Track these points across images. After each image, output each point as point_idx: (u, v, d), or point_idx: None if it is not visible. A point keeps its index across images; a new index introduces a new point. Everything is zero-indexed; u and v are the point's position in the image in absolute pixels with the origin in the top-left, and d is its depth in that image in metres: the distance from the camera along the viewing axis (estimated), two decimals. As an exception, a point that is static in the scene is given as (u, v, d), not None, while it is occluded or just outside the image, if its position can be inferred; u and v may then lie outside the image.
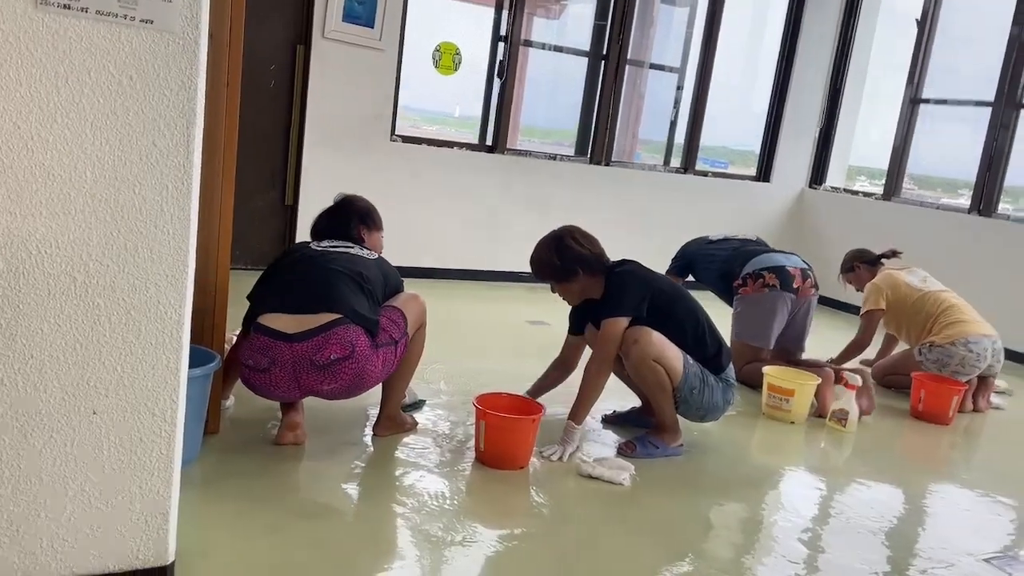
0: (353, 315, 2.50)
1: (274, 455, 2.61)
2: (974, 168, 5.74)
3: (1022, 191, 6.05)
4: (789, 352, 3.93)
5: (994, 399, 4.15)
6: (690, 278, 4.28)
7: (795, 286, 3.79)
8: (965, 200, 5.96)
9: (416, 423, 2.93)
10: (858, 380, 3.44)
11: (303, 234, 5.24)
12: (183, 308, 1.63)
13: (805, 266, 3.91)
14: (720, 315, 3.47)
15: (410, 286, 2.95)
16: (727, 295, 4.15)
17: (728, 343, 3.83)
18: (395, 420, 2.85)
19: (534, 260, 2.96)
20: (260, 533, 2.13)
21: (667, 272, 4.15)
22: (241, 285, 2.79)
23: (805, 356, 4.01)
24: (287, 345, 2.45)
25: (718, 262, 4.10)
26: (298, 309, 2.50)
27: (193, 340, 1.93)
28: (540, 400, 2.95)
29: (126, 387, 1.61)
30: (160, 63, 1.51)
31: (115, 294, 1.56)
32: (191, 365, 1.78)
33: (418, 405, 3.11)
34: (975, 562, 2.43)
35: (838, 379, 3.57)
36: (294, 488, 2.43)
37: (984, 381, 4.02)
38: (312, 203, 5.15)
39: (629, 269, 2.93)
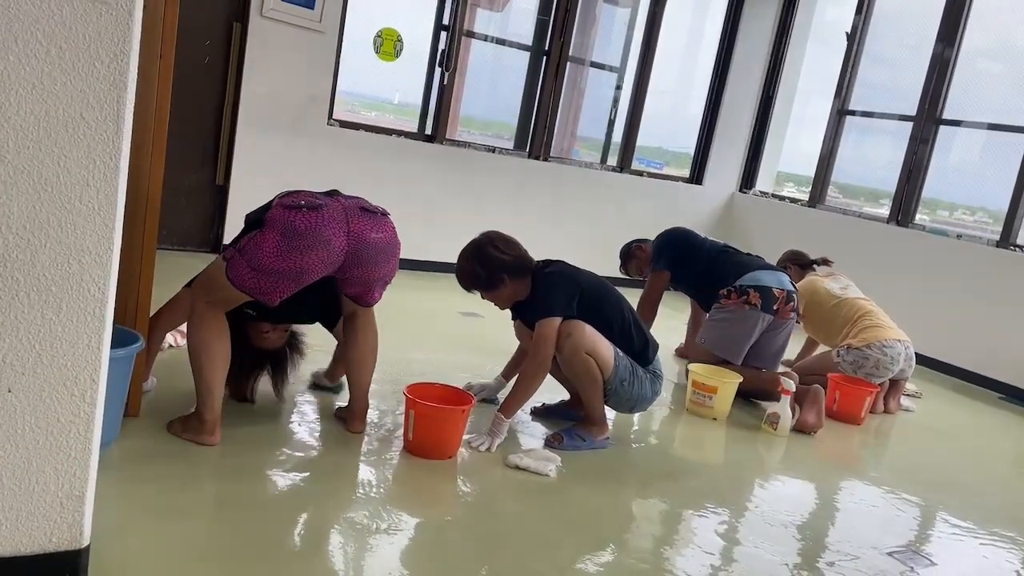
0: None
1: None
2: (895, 179, 5.98)
3: (938, 203, 6.34)
4: (758, 369, 3.92)
5: (904, 401, 4.35)
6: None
7: (775, 308, 3.81)
8: (886, 210, 6.22)
9: None
10: (793, 386, 3.53)
11: (234, 214, 5.14)
12: (107, 285, 1.59)
13: (791, 288, 3.92)
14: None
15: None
16: (699, 293, 4.21)
17: (693, 348, 3.94)
18: (365, 413, 2.82)
19: (459, 273, 2.97)
20: (178, 518, 2.09)
21: (658, 266, 4.18)
22: (168, 266, 2.73)
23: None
24: (335, 199, 2.51)
25: (704, 260, 4.10)
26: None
27: (116, 320, 1.88)
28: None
29: (44, 366, 1.56)
30: (92, 33, 1.46)
31: (35, 268, 1.51)
32: (113, 346, 1.73)
33: (335, 389, 3.11)
34: (879, 555, 2.56)
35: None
36: (214, 474, 2.39)
37: (895, 384, 4.21)
38: (245, 184, 5.10)
39: (556, 270, 2.97)
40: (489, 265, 2.90)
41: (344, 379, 3.11)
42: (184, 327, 3.15)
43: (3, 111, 1.43)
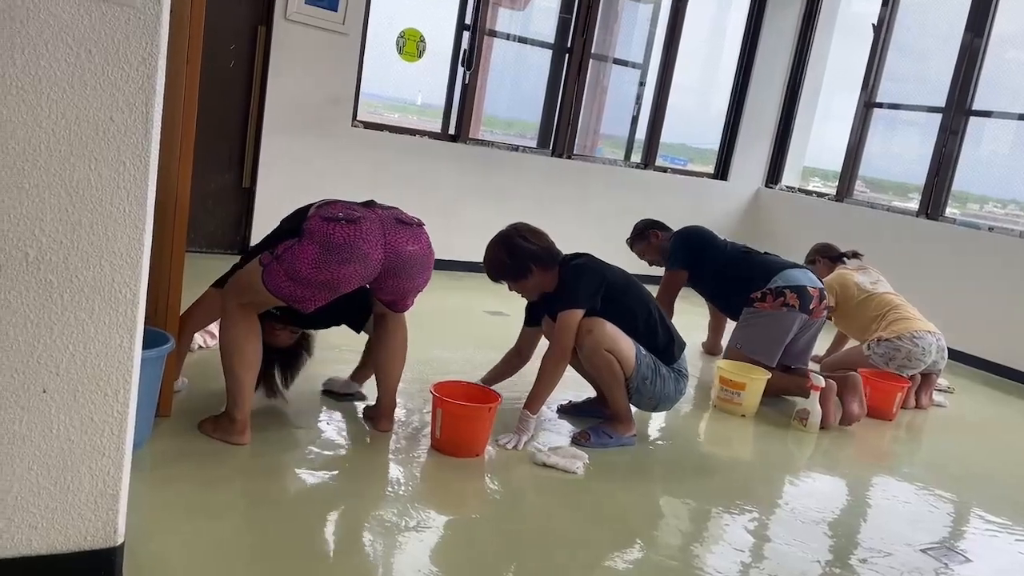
0: None
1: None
2: (923, 172, 5.89)
3: (968, 196, 6.23)
4: (787, 367, 3.87)
5: (936, 397, 4.28)
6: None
7: (811, 307, 3.75)
8: (914, 204, 6.13)
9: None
10: (822, 382, 3.49)
11: (260, 217, 5.19)
12: (138, 287, 1.61)
13: (820, 285, 3.87)
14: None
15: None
16: (718, 294, 4.13)
17: (726, 350, 3.88)
18: (393, 412, 2.83)
19: (487, 262, 2.97)
20: (210, 516, 2.11)
21: (675, 265, 4.09)
22: (196, 268, 2.76)
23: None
24: (371, 210, 2.53)
25: (723, 262, 4.00)
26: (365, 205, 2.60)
27: (147, 321, 1.91)
28: (496, 388, 2.97)
29: (78, 366, 1.58)
30: (120, 37, 1.48)
31: (68, 271, 1.54)
32: (144, 346, 1.76)
33: (357, 396, 3.10)
34: (913, 552, 2.52)
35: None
36: (245, 472, 2.41)
37: (927, 378, 4.15)
38: (271, 186, 5.15)
39: (582, 262, 2.96)
40: (517, 254, 2.90)
41: (360, 386, 3.12)
42: (213, 328, 3.22)
43: (35, 115, 1.45)
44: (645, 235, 4.32)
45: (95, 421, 1.62)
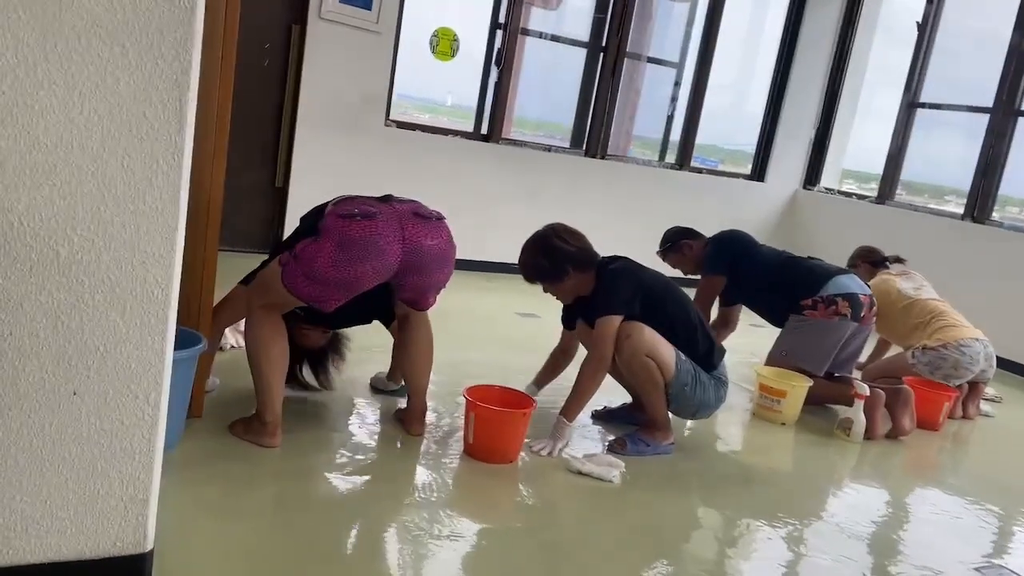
0: None
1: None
2: (962, 175, 5.73)
3: (1009, 199, 6.02)
4: (831, 375, 3.76)
5: (983, 406, 4.14)
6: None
7: (862, 315, 3.65)
8: (952, 206, 5.96)
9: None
10: (866, 390, 3.38)
11: (293, 215, 5.14)
12: (170, 287, 1.57)
13: (870, 292, 3.76)
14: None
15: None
16: (766, 304, 3.95)
17: (769, 356, 3.76)
18: (424, 415, 2.79)
19: (522, 263, 2.90)
20: (240, 520, 2.08)
21: (713, 270, 3.92)
22: (228, 268, 2.74)
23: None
24: (389, 205, 2.47)
25: (763, 267, 3.85)
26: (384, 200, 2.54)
27: (179, 321, 1.87)
28: (529, 393, 2.92)
29: (109, 368, 1.55)
30: (154, 32, 1.44)
31: (100, 270, 1.50)
32: (176, 347, 1.72)
33: (400, 391, 3.06)
34: (965, 570, 2.42)
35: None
36: (276, 476, 2.38)
37: (975, 388, 4.01)
38: (304, 185, 5.13)
39: (620, 266, 2.88)
40: (553, 255, 2.83)
41: (398, 384, 3.10)
42: (243, 325, 3.20)
43: (67, 111, 1.42)
44: (678, 246, 4.05)
45: (125, 424, 1.59)
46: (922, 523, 2.78)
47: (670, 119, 6.66)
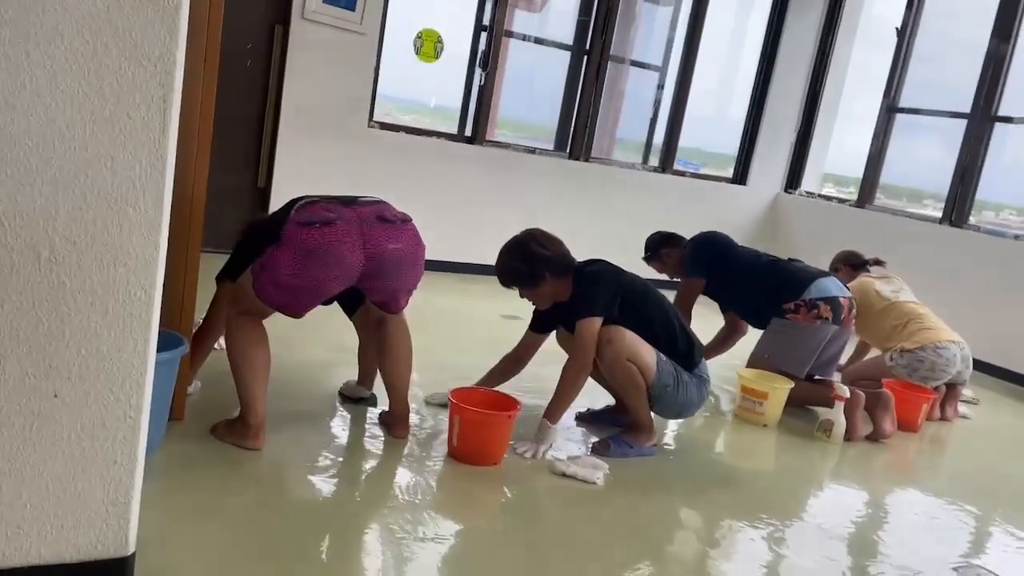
0: None
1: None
2: (940, 179, 5.80)
3: (984, 204, 6.07)
4: (811, 377, 3.79)
5: (961, 408, 4.19)
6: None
7: (842, 317, 3.68)
8: (929, 210, 6.03)
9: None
10: (846, 392, 3.41)
11: (275, 218, 5.15)
12: (153, 289, 1.56)
13: (850, 295, 3.79)
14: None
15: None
16: (747, 306, 3.97)
17: (751, 359, 3.78)
18: (407, 418, 2.78)
19: (499, 268, 2.90)
20: (222, 523, 2.06)
21: (693, 273, 3.93)
22: (211, 269, 2.72)
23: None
24: (351, 208, 2.45)
25: (744, 270, 3.87)
26: (348, 201, 2.53)
27: (161, 323, 1.86)
28: (516, 395, 2.91)
29: (90, 370, 1.53)
30: (138, 31, 1.43)
31: (82, 272, 1.49)
32: (158, 349, 1.71)
33: (370, 400, 3.04)
34: (943, 570, 2.44)
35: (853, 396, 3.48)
36: (258, 479, 2.36)
37: (952, 390, 4.06)
38: (286, 186, 5.10)
39: (598, 268, 2.89)
40: (531, 260, 2.83)
41: (368, 390, 3.06)
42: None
43: (49, 110, 1.41)
44: (658, 255, 4.09)
45: (107, 426, 1.57)
46: (901, 523, 2.81)
47: (653, 122, 6.69)
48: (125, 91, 1.45)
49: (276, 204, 5.08)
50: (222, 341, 3.22)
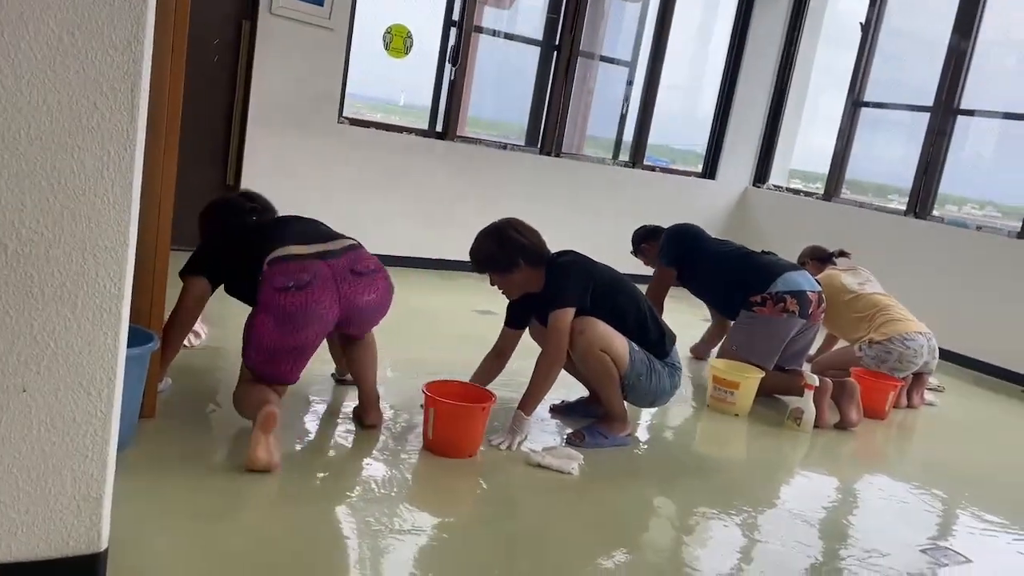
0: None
1: (210, 441, 2.54)
2: (904, 173, 5.91)
3: (948, 197, 6.18)
4: (782, 368, 3.83)
5: (927, 396, 4.27)
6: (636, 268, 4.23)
7: (810, 311, 3.72)
8: (895, 204, 6.13)
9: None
10: (816, 381, 3.47)
11: (245, 216, 5.10)
12: (123, 281, 1.54)
13: (819, 288, 3.83)
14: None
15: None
16: (713, 294, 4.06)
17: (721, 350, 3.83)
18: (378, 403, 2.81)
19: (474, 251, 2.90)
20: (196, 519, 2.05)
21: (663, 263, 4.03)
22: (179, 266, 2.69)
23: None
24: (325, 263, 2.51)
25: (715, 261, 3.94)
26: (317, 240, 2.60)
27: (130, 319, 1.84)
28: (490, 388, 2.92)
29: (60, 364, 1.51)
30: (104, 19, 1.41)
31: (50, 264, 1.47)
32: (128, 345, 1.69)
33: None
34: (911, 552, 2.49)
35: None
36: (231, 475, 2.33)
37: (919, 378, 4.14)
38: (255, 183, 5.02)
39: (570, 260, 2.91)
40: (506, 246, 2.84)
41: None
42: (198, 327, 3.18)
43: (15, 100, 1.39)
44: (640, 249, 4.28)
45: (77, 421, 1.55)
46: (870, 508, 2.86)
47: (623, 118, 6.72)
48: (92, 80, 1.43)
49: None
50: (191, 338, 3.21)
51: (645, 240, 4.26)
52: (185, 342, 3.21)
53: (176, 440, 2.45)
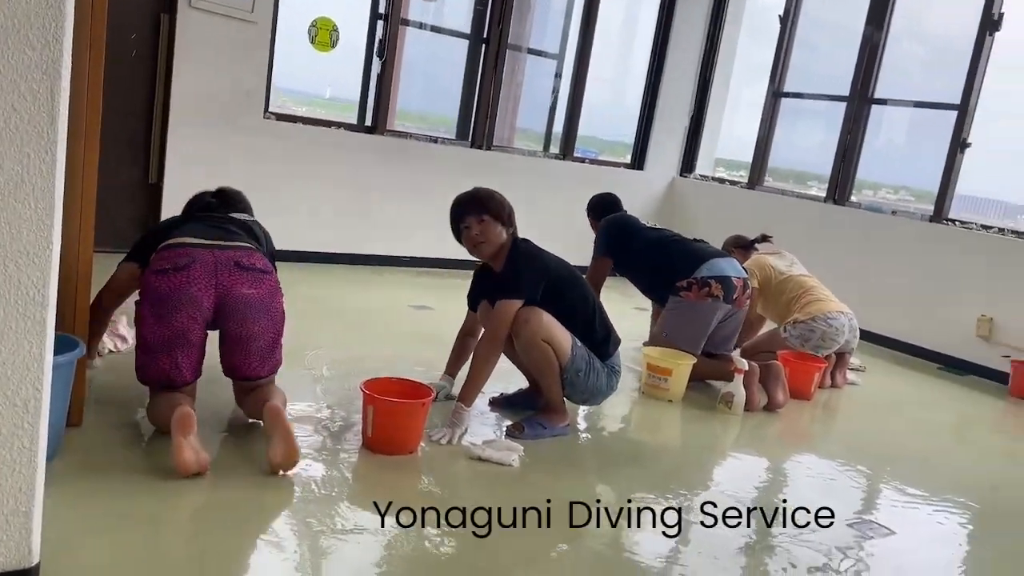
0: (267, 254, 2.65)
1: (141, 448, 2.47)
2: (823, 160, 6.12)
3: (864, 183, 6.43)
4: (711, 354, 3.92)
5: (850, 376, 4.45)
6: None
7: (735, 297, 3.80)
8: (815, 191, 6.35)
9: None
10: (745, 365, 3.57)
11: (169, 213, 4.95)
12: (47, 288, 1.49)
13: (745, 275, 3.93)
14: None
15: (285, 270, 2.86)
16: (645, 281, 4.15)
17: (651, 336, 3.91)
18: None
19: (482, 192, 3.00)
20: (128, 529, 1.99)
21: (598, 253, 4.14)
22: (104, 269, 2.61)
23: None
24: (210, 252, 2.47)
25: (647, 248, 4.03)
26: (216, 237, 2.55)
27: (55, 326, 1.78)
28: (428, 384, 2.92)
29: (-18, 375, 1.46)
30: (21, 16, 1.36)
31: (-32, 272, 1.41)
32: (53, 353, 1.63)
33: None
34: (839, 526, 2.60)
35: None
36: (163, 480, 2.27)
37: (841, 358, 4.31)
38: (179, 181, 4.93)
39: (530, 250, 2.96)
40: (508, 204, 2.99)
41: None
42: (124, 331, 3.10)
43: (-75, 102, 1.33)
44: (589, 216, 4.48)
45: (4, 434, 1.50)
46: (799, 486, 2.97)
47: (552, 110, 6.77)
48: (9, 81, 1.38)
49: (168, 199, 4.94)
50: (112, 344, 3.13)
51: (591, 213, 4.47)
52: (112, 347, 3.14)
53: (105, 448, 2.38)
